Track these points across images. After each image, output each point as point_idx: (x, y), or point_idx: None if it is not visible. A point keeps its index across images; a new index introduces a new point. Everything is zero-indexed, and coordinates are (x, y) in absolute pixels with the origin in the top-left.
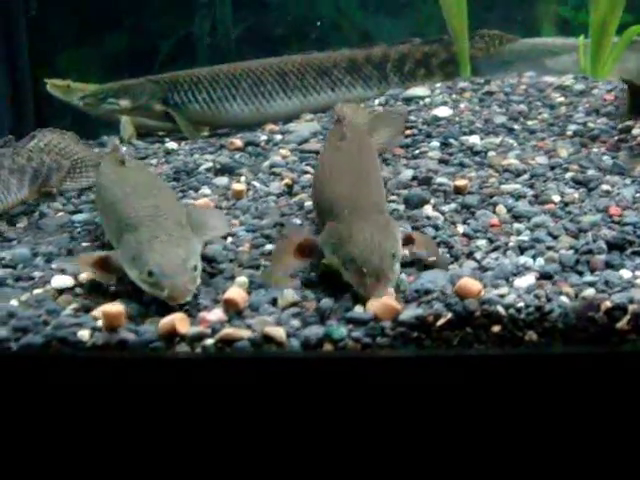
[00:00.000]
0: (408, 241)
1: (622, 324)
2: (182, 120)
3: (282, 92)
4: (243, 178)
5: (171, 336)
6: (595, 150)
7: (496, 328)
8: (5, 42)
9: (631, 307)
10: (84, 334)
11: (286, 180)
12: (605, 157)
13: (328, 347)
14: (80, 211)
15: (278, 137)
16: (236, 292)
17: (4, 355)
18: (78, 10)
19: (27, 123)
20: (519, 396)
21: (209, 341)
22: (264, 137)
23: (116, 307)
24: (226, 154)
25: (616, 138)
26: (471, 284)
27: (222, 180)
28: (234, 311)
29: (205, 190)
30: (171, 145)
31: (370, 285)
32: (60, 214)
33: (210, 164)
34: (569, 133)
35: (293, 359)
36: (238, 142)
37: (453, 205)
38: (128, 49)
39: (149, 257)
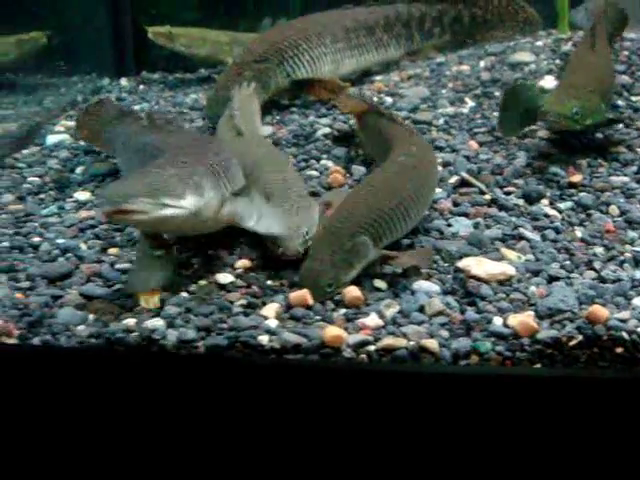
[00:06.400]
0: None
1: None
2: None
3: (349, 51)
4: (361, 150)
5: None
6: None
7: (619, 350)
8: None
9: None
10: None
11: None
12: None
13: (475, 358)
14: None
15: (388, 100)
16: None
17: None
18: None
19: (127, 55)
20: None
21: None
22: (375, 99)
23: None
24: (340, 118)
25: None
26: (601, 311)
27: (341, 151)
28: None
29: (327, 162)
30: (282, 100)
31: None
32: None
33: (327, 130)
34: None
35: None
36: None
37: (569, 203)
38: None
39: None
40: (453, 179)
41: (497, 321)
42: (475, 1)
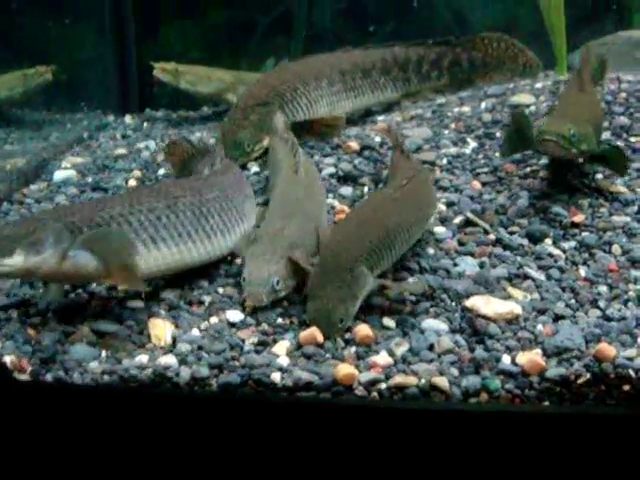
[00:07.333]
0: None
1: None
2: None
3: (344, 93)
4: (366, 189)
5: None
6: None
7: (626, 387)
8: (112, 14)
9: None
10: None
11: None
12: None
13: (484, 396)
14: None
15: None
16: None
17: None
18: None
19: (132, 93)
20: None
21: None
22: (378, 139)
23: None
24: (345, 159)
25: None
26: (608, 350)
27: (347, 190)
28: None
29: (333, 201)
30: None
31: None
32: None
33: (332, 169)
34: None
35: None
36: (354, 145)
37: (572, 242)
38: (228, 23)
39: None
40: (458, 219)
41: (506, 359)
42: (474, 44)
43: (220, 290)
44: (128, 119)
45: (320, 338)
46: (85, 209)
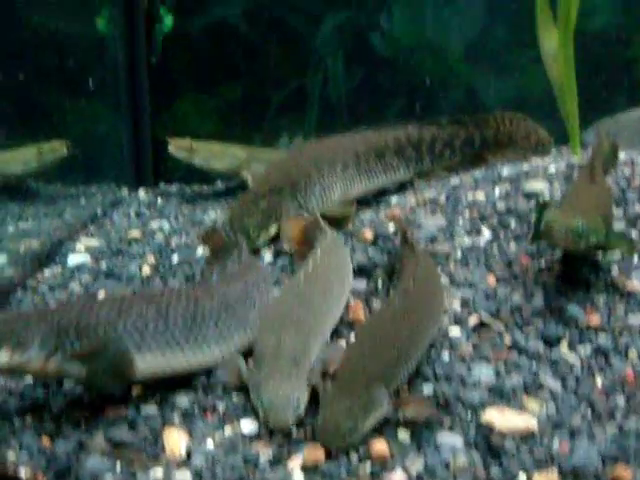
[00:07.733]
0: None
1: None
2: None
3: (358, 176)
4: (380, 283)
5: None
6: None
7: None
8: (128, 88)
9: None
10: None
11: None
12: None
13: None
14: None
15: None
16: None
17: None
18: (196, 60)
19: (146, 166)
20: None
21: None
22: (392, 228)
23: None
24: (360, 248)
25: None
26: (625, 472)
27: (361, 284)
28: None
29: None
30: None
31: None
32: None
33: None
34: None
35: None
36: (368, 234)
37: (588, 347)
38: (242, 98)
39: (263, 390)
40: (472, 319)
41: (521, 477)
42: (487, 123)
43: (233, 395)
44: (142, 194)
45: (323, 457)
46: (74, 311)
